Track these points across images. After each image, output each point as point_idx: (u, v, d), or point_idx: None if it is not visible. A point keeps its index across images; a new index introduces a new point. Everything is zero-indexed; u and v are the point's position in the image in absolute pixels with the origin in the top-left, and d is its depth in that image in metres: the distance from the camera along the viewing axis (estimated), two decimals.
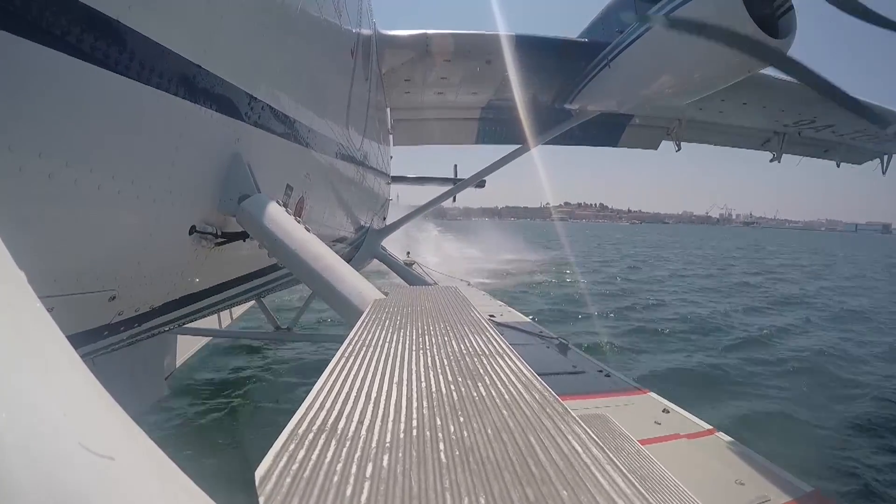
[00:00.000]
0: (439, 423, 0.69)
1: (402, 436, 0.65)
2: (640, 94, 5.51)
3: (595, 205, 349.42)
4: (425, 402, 0.77)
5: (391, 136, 8.68)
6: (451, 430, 0.67)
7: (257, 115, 2.39)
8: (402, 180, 11.39)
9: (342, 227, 5.34)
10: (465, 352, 1.07)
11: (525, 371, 0.93)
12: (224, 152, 2.19)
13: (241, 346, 8.22)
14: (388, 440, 0.64)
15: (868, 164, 8.56)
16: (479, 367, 0.96)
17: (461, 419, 0.71)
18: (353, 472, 0.55)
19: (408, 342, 1.13)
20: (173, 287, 2.24)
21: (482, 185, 9.85)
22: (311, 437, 0.63)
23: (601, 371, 5.44)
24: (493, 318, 7.20)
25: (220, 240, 2.25)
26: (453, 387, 0.85)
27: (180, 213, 2.00)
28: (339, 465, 0.56)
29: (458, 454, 0.60)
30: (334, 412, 0.71)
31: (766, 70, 4.61)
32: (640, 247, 50.78)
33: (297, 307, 7.59)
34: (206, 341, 6.97)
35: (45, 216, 1.37)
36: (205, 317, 3.59)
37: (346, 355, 1.00)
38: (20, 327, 0.45)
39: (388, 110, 7.67)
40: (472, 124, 8.26)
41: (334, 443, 0.62)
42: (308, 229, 2.24)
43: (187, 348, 6.40)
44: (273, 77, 2.59)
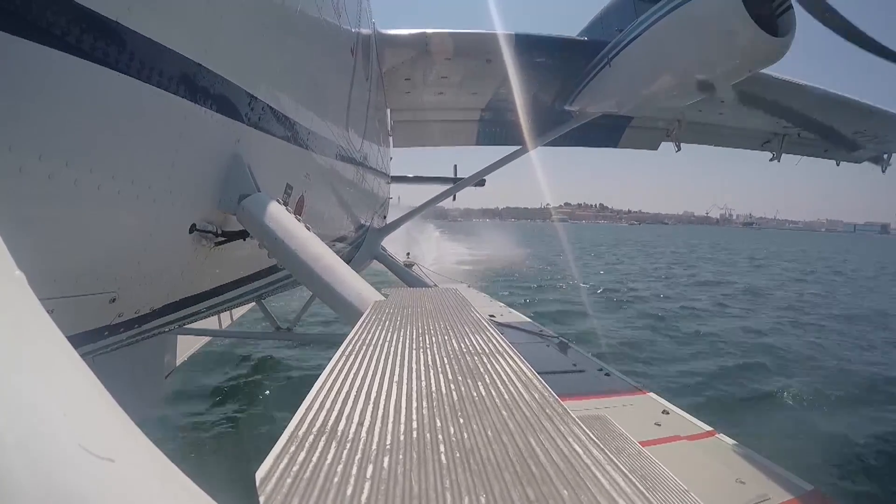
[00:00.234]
0: (439, 424, 0.69)
1: (402, 437, 0.65)
2: (641, 93, 5.52)
3: (595, 205, 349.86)
4: (425, 403, 0.77)
5: (391, 138, 8.68)
6: (452, 431, 0.67)
7: (257, 115, 2.39)
8: (401, 180, 11.40)
9: (342, 226, 5.33)
10: (465, 351, 1.06)
11: (525, 370, 0.93)
12: (224, 153, 2.19)
13: (242, 347, 8.22)
14: (388, 441, 0.63)
15: (867, 165, 8.58)
16: (479, 365, 0.96)
17: (461, 420, 0.71)
18: (354, 473, 0.55)
19: (407, 341, 1.13)
20: (174, 288, 2.23)
21: (482, 184, 9.87)
22: (311, 438, 0.63)
23: (601, 370, 5.50)
24: (493, 318, 7.21)
25: (221, 239, 2.24)
26: (453, 386, 0.84)
27: (180, 214, 2.00)
28: (340, 467, 0.56)
29: (458, 455, 0.60)
30: (334, 413, 0.71)
31: (767, 70, 4.61)
32: (611, 244, 56.01)
33: (295, 310, 7.60)
34: (206, 341, 6.96)
35: (45, 217, 1.37)
36: (205, 318, 3.59)
37: (346, 355, 1.00)
38: (20, 328, 0.45)
39: (389, 111, 7.67)
40: (472, 125, 8.26)
41: (334, 444, 0.62)
42: (308, 228, 2.24)
43: (187, 348, 6.40)
44: (273, 77, 2.59)
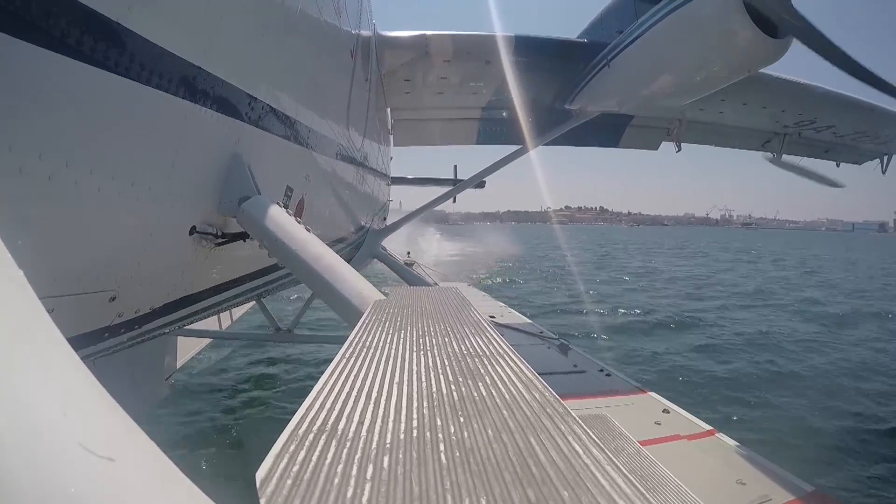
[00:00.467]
0: (439, 423, 0.69)
1: (402, 437, 0.65)
2: (640, 94, 5.51)
3: (595, 208, 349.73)
4: (425, 403, 0.77)
5: (391, 137, 8.68)
6: (452, 430, 0.67)
7: (257, 116, 2.39)
8: (401, 181, 11.38)
9: (342, 227, 5.33)
10: (465, 353, 1.06)
11: (526, 371, 0.93)
12: (224, 153, 2.19)
13: (242, 347, 8.21)
14: (388, 441, 0.63)
15: (868, 164, 8.58)
16: (480, 367, 0.96)
17: (461, 420, 0.70)
18: (354, 473, 0.55)
19: (408, 343, 1.13)
20: (174, 288, 2.23)
21: (482, 186, 9.86)
22: (311, 437, 0.63)
23: (602, 370, 5.50)
24: (493, 319, 7.21)
25: (221, 240, 2.24)
26: (454, 386, 0.84)
27: (180, 215, 2.00)
28: (340, 467, 0.56)
29: (458, 455, 0.60)
30: (334, 412, 0.71)
31: (767, 70, 4.61)
32: (593, 244, 59.83)
33: (295, 311, 7.60)
34: (207, 342, 6.96)
35: (46, 217, 1.37)
36: (205, 318, 3.59)
37: (347, 357, 1.00)
38: (20, 327, 0.45)
39: (389, 111, 7.67)
40: (472, 124, 8.25)
41: (335, 444, 0.62)
42: (308, 229, 2.24)
43: (188, 349, 6.40)
44: (273, 78, 2.59)
